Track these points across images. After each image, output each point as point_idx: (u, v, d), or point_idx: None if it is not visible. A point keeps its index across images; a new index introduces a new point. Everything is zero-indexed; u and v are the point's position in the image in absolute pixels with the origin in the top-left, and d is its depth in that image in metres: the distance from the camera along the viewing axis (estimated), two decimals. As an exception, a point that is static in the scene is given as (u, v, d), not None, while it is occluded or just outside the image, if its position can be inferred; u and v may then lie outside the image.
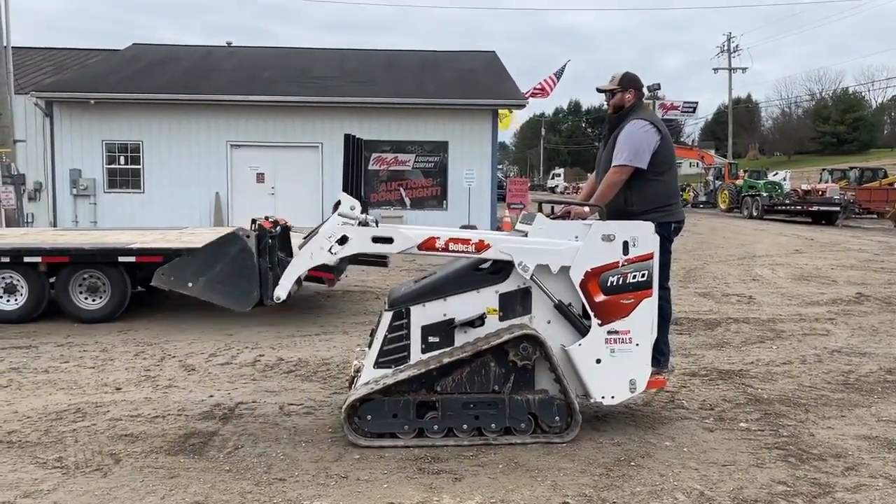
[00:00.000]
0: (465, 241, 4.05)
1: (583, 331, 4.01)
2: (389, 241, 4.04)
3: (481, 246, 4.05)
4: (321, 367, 5.83)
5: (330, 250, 4.02)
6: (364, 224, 4.11)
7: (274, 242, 4.24)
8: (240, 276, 4.10)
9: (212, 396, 5.01)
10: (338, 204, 4.09)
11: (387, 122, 18.82)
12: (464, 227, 17.73)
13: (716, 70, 49.11)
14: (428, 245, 4.04)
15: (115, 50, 23.94)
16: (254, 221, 4.27)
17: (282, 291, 4.09)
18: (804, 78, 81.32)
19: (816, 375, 5.61)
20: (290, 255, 4.23)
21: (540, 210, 4.43)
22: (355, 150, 7.41)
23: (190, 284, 4.10)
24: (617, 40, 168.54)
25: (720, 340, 6.82)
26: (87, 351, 6.35)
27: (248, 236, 4.16)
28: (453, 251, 4.06)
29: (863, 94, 71.20)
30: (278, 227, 4.35)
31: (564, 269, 4.00)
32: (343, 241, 4.01)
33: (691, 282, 10.68)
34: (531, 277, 3.98)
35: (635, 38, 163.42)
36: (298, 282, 4.28)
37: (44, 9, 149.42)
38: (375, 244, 4.05)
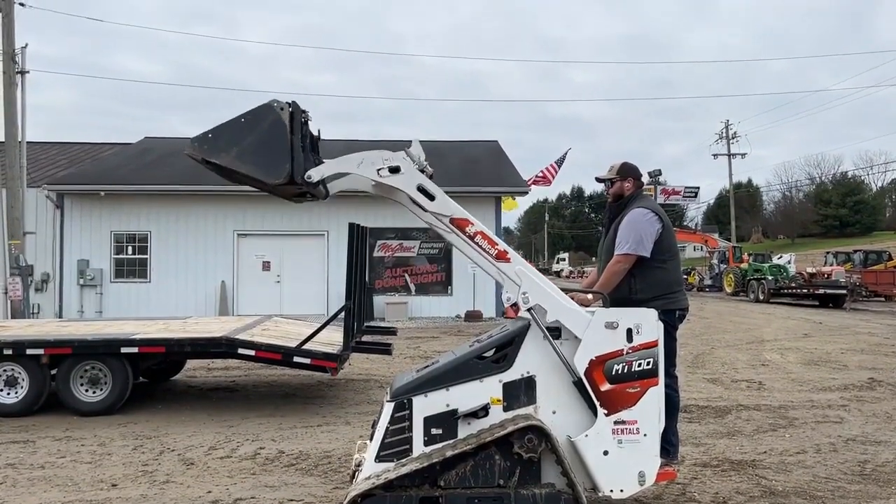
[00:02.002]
0: (493, 244, 4.05)
1: (596, 411, 3.92)
2: (431, 197, 4.06)
3: (502, 255, 4.03)
4: (323, 459, 5.70)
5: (378, 171, 4.02)
6: (422, 171, 4.10)
7: (306, 129, 4.15)
8: (271, 148, 3.99)
9: (210, 492, 4.88)
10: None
11: (391, 209, 19.02)
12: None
13: (715, 156, 49.96)
14: (459, 224, 4.04)
15: (127, 143, 24.60)
16: (290, 104, 4.20)
17: (316, 173, 4.00)
18: (803, 162, 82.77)
19: (832, 466, 5.44)
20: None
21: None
22: (360, 238, 7.51)
23: (221, 156, 4.01)
24: (617, 128, 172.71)
25: (731, 429, 6.66)
26: (84, 445, 6.22)
27: (282, 108, 4.06)
28: (478, 245, 4.04)
29: (862, 177, 72.20)
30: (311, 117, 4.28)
31: (567, 345, 3.94)
32: (395, 170, 4.01)
33: (699, 367, 10.53)
34: (529, 311, 3.93)
35: (635, 126, 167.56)
36: (325, 189, 4.24)
37: (60, 106, 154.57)
38: (419, 193, 4.05)
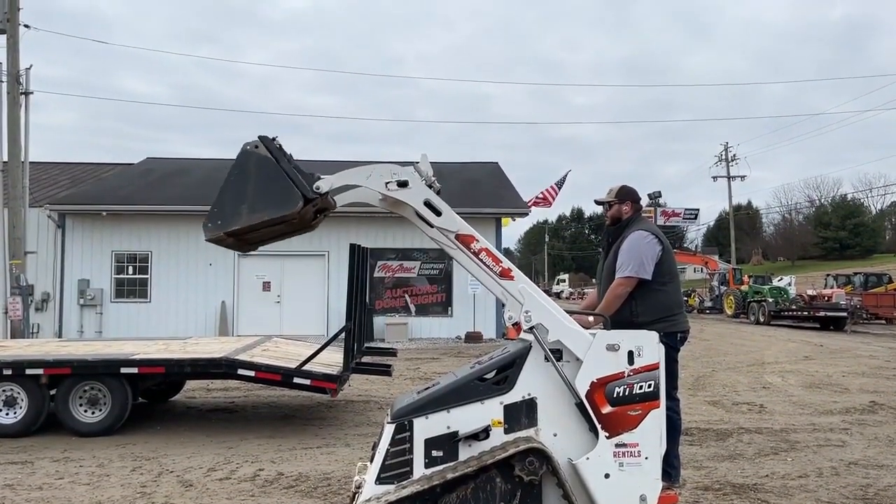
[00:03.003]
0: (497, 261, 4.04)
1: (597, 433, 3.90)
2: (438, 212, 4.05)
3: (506, 273, 4.03)
4: (322, 481, 5.66)
5: (387, 185, 4.00)
6: (430, 186, 4.11)
7: (282, 151, 4.15)
8: (272, 184, 3.98)
9: (208, 514, 4.85)
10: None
11: (392, 230, 19.12)
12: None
13: (715, 178, 50.06)
14: (464, 240, 4.03)
15: (129, 164, 24.70)
16: (259, 138, 4.20)
17: (324, 184, 3.98)
18: (803, 185, 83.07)
19: (834, 490, 5.41)
20: None
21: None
22: (361, 259, 7.53)
23: (238, 219, 3.99)
24: (617, 150, 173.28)
25: (732, 452, 6.63)
26: (83, 466, 6.19)
27: (256, 147, 4.07)
28: (482, 261, 4.03)
29: (861, 200, 72.36)
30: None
31: (569, 367, 3.93)
32: (403, 184, 4.00)
33: (700, 390, 10.49)
34: (531, 329, 3.92)
35: (635, 147, 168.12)
36: (324, 212, 4.23)
37: (63, 126, 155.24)
38: (426, 207, 4.03)
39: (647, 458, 3.92)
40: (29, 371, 7.32)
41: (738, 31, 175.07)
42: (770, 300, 28.02)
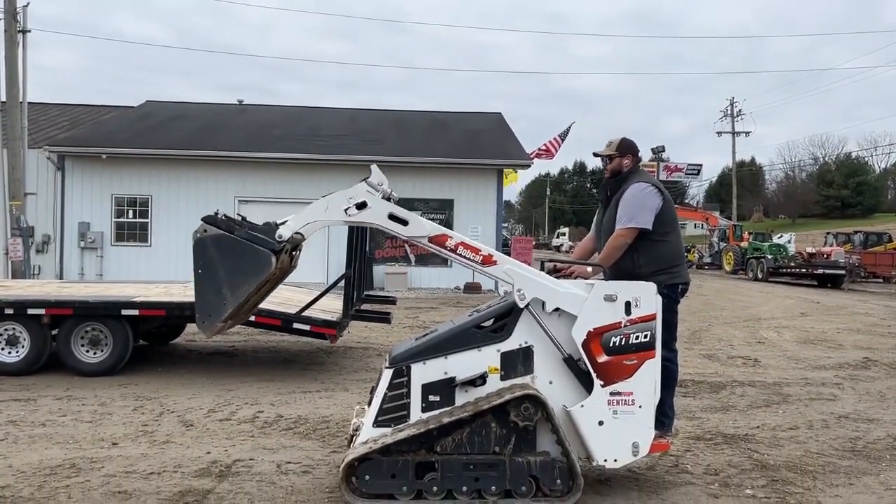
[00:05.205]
0: (475, 251, 4.06)
1: (589, 387, 3.96)
2: (404, 223, 4.05)
3: (488, 260, 4.05)
4: (321, 424, 5.76)
5: (346, 211, 4.04)
6: (387, 199, 4.12)
7: (229, 220, 4.17)
8: (238, 256, 4.04)
9: (209, 453, 4.94)
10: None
11: (394, 179, 18.79)
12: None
13: (719, 134, 49.74)
14: (439, 241, 4.05)
15: (129, 107, 24.46)
16: (202, 221, 4.23)
17: (286, 230, 4.06)
18: (807, 143, 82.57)
19: (824, 441, 5.51)
20: None
21: (542, 269, 4.44)
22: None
23: (226, 303, 4.06)
24: (621, 103, 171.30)
25: (725, 404, 6.73)
26: (85, 405, 6.29)
27: (205, 230, 4.13)
28: (461, 255, 4.05)
29: (866, 159, 71.82)
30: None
31: (566, 317, 3.97)
32: (362, 206, 4.03)
33: (696, 343, 10.60)
34: (526, 307, 3.96)
35: (640, 101, 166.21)
36: (298, 248, 4.33)
37: (62, 67, 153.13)
38: (390, 221, 4.05)
39: (640, 406, 3.99)
40: (31, 311, 7.38)
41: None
42: (769, 257, 28.07)
